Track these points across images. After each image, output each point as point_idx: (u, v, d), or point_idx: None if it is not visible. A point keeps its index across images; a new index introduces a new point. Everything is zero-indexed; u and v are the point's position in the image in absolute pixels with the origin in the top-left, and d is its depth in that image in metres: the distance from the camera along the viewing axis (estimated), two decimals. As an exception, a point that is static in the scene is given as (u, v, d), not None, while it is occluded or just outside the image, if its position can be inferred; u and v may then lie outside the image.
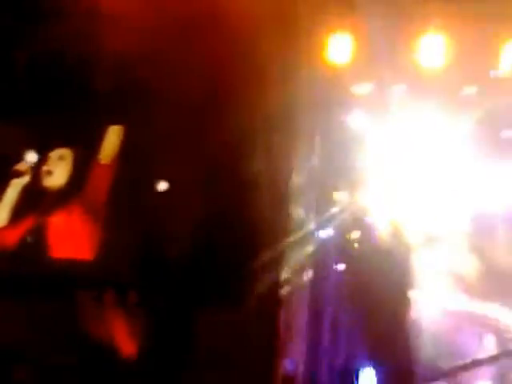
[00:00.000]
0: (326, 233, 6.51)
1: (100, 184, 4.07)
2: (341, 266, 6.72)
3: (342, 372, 6.42)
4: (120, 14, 5.55)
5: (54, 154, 4.11)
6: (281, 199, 6.05)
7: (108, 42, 5.50)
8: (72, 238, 3.93)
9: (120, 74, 5.71)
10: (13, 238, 3.95)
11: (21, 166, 4.11)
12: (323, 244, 6.53)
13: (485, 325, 7.23)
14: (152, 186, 6.08)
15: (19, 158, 4.19)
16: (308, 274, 6.42)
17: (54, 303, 3.71)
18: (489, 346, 7.13)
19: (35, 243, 3.89)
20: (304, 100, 6.22)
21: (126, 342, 3.88)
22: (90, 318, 3.76)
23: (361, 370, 6.33)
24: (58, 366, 3.68)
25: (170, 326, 5.35)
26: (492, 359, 6.82)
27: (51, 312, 3.70)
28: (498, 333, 7.16)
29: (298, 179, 6.27)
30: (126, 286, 4.05)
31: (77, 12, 5.56)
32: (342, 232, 6.70)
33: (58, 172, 4.07)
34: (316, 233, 6.46)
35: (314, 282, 6.45)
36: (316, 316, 6.52)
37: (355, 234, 6.79)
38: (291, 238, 6.23)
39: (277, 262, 6.08)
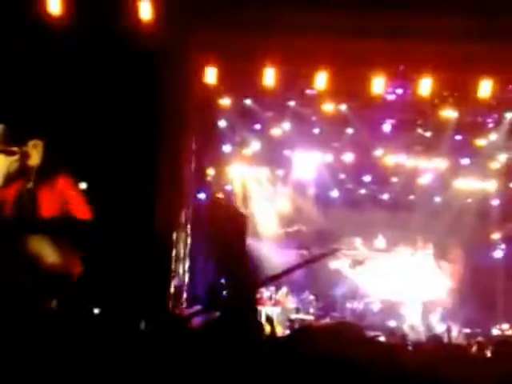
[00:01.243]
0: (201, 195, 9.74)
1: None
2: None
3: (211, 285, 9.64)
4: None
5: (31, 142, 5.35)
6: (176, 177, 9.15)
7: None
8: (55, 200, 5.20)
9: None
10: (6, 196, 5.21)
11: (12, 148, 5.32)
12: (200, 202, 9.79)
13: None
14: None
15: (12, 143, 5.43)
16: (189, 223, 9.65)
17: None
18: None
19: (27, 201, 5.22)
20: (189, 107, 9.24)
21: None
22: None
23: (224, 283, 9.53)
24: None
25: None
26: (296, 268, 10.21)
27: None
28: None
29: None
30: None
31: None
32: (212, 194, 9.97)
33: (34, 155, 5.32)
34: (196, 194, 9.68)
35: (192, 225, 9.67)
36: (193, 248, 9.74)
37: (220, 196, 10.10)
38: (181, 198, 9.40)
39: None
